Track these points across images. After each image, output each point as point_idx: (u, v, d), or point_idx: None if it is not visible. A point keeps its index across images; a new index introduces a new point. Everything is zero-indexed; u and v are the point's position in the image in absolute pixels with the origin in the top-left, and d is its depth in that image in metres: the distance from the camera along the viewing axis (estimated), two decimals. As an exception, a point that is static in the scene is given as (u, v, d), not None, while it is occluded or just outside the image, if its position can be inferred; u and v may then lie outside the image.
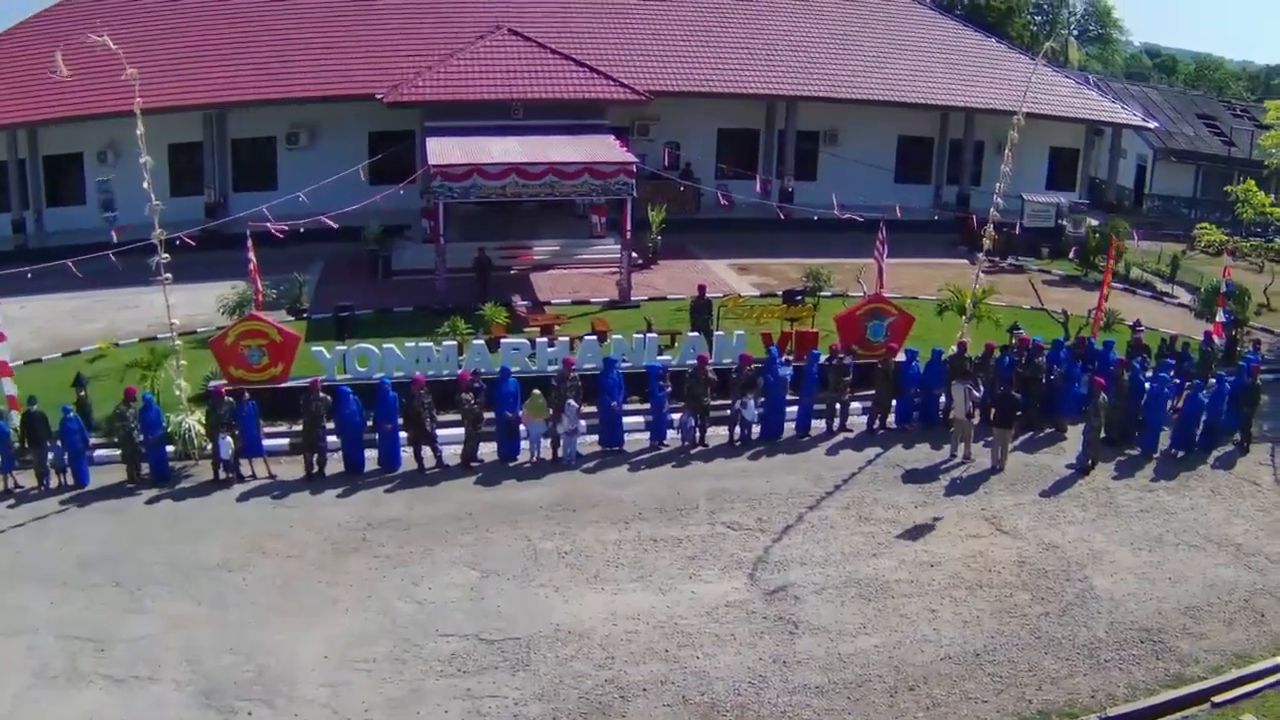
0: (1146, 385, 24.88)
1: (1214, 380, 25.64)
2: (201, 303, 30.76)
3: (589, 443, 24.06)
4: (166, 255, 23.51)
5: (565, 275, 37.31)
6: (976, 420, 24.25)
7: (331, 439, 22.92)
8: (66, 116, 37.52)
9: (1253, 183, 37.45)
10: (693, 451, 24.22)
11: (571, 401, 23.08)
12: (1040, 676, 16.63)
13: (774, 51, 46.08)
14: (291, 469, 22.91)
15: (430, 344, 25.65)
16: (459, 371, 24.22)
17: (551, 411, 23.22)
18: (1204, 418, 24.81)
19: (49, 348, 29.96)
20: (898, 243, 32.40)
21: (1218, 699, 16.44)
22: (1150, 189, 58.19)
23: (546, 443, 23.62)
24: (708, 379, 24.17)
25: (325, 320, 31.11)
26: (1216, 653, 17.41)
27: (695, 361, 24.73)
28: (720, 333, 27.28)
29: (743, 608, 18.15)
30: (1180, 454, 24.60)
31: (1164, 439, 24.82)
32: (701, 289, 29.96)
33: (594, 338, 26.71)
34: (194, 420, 23.06)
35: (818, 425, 25.34)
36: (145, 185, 23.19)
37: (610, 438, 24.12)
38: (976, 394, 23.96)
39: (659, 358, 25.99)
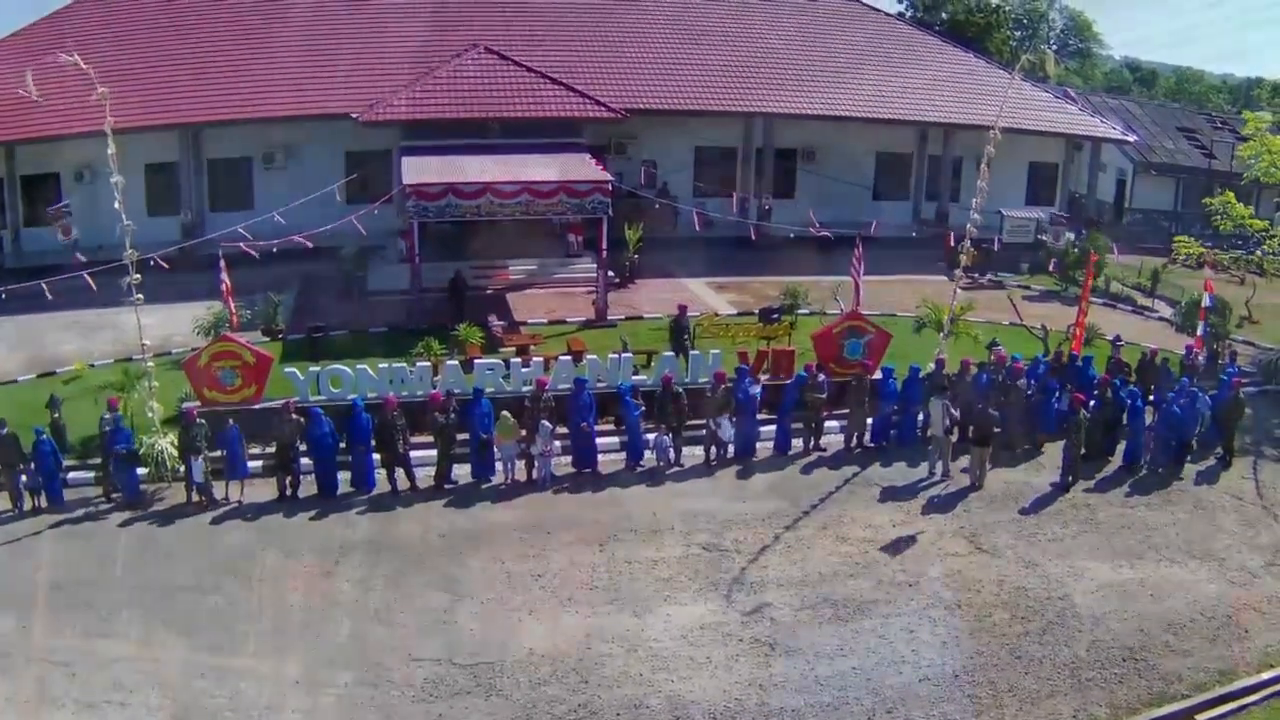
0: (1127, 401, 24.83)
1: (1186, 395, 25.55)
2: (178, 323, 30.51)
3: (564, 464, 23.90)
4: (138, 276, 23.32)
5: (542, 295, 37.11)
6: (955, 437, 24.15)
7: (304, 460, 22.74)
8: (42, 136, 37.27)
9: (1231, 194, 37.34)
10: (668, 472, 24.07)
11: (545, 422, 22.90)
12: (1020, 697, 16.50)
13: (752, 69, 46.00)
14: (264, 491, 22.70)
15: (404, 364, 25.46)
16: (430, 392, 24.03)
17: (524, 432, 23.05)
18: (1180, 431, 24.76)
19: (24, 368, 29.66)
20: (876, 260, 32.46)
21: (1201, 717, 16.39)
22: (1130, 203, 58.21)
23: (521, 464, 23.44)
24: (674, 398, 24.03)
25: (300, 341, 30.88)
26: (1200, 670, 17.34)
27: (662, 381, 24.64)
28: (696, 352, 27.13)
29: (718, 630, 17.98)
30: (1159, 469, 24.54)
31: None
32: (682, 309, 29.84)
33: (569, 358, 26.54)
34: (166, 442, 22.83)
35: (795, 444, 25.20)
36: (117, 205, 23.02)
37: (581, 459, 23.96)
38: (954, 411, 23.86)
39: (634, 377, 25.82)
